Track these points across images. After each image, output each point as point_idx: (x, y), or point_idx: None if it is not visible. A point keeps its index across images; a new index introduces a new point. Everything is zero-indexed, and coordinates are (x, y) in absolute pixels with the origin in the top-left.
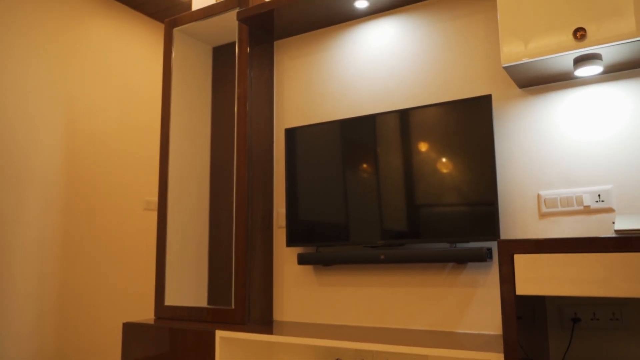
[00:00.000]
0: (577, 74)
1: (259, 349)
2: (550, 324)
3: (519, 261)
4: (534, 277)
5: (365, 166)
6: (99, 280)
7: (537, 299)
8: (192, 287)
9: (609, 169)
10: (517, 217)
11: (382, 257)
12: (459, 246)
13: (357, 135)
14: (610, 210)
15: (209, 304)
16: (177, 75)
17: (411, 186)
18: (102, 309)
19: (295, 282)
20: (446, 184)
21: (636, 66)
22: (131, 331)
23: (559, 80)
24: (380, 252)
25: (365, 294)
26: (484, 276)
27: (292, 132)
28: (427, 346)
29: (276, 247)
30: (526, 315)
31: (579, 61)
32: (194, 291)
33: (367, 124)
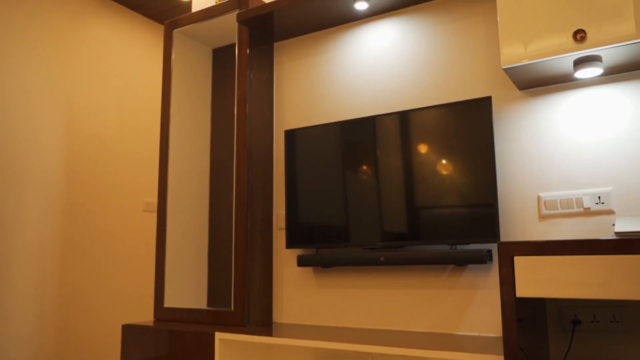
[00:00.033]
0: (577, 75)
1: (259, 351)
2: (550, 326)
3: (519, 263)
4: (534, 279)
5: (365, 168)
6: (98, 281)
7: (537, 301)
8: (192, 289)
9: (609, 171)
10: (517, 219)
11: (382, 259)
12: (459, 248)
13: (357, 136)
14: (610, 212)
15: (208, 305)
16: (177, 76)
17: (411, 188)
18: (101, 310)
19: (294, 284)
20: (446, 186)
21: (636, 68)
22: (130, 333)
23: (559, 82)
24: (380, 254)
25: (365, 296)
26: (484, 278)
27: (291, 133)
28: (427, 348)
29: (276, 248)
30: (526, 317)
31: (579, 63)
32: (194, 293)
33: (367, 125)
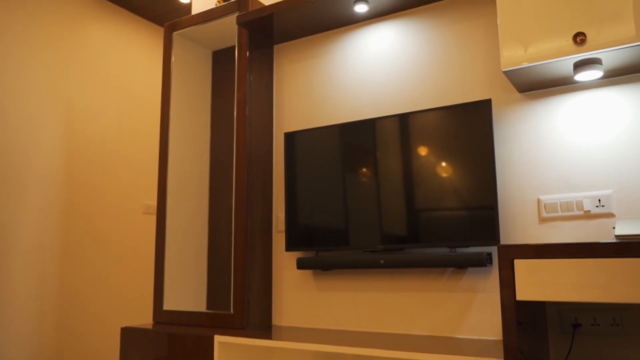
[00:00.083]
0: (577, 78)
1: (258, 354)
2: (550, 329)
3: (519, 266)
4: (535, 282)
5: (364, 170)
6: (98, 283)
7: (537, 304)
8: (191, 292)
9: (610, 174)
10: (517, 221)
11: (382, 261)
12: (459, 251)
13: (357, 139)
14: (610, 215)
15: (207, 308)
16: (176, 79)
17: (411, 191)
18: (100, 312)
19: (294, 287)
20: (446, 189)
21: (636, 71)
22: (129, 336)
23: (558, 84)
24: (379, 256)
25: (364, 298)
26: (484, 281)
27: (291, 136)
28: (427, 351)
29: (275, 251)
30: (526, 320)
31: (579, 66)
32: (193, 295)
33: (367, 128)
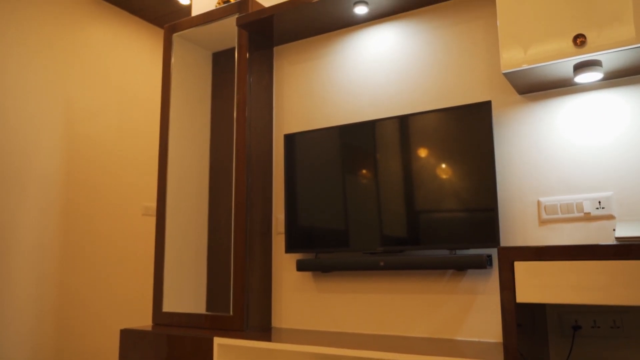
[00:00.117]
0: (577, 80)
1: (258, 356)
2: (550, 331)
3: (519, 268)
4: (535, 285)
5: (364, 172)
6: (97, 284)
7: (537, 307)
8: (191, 293)
9: (610, 176)
10: (517, 223)
11: (382, 263)
12: (459, 253)
13: (357, 141)
14: (610, 217)
15: (207, 310)
16: (176, 80)
17: (411, 192)
18: (100, 313)
19: (294, 289)
20: (446, 190)
21: (636, 73)
22: (129, 338)
23: (558, 86)
24: (379, 258)
25: (364, 300)
26: (484, 283)
27: (291, 137)
28: (427, 354)
29: (275, 253)
30: (526, 322)
31: (579, 67)
32: (192, 297)
33: (367, 129)
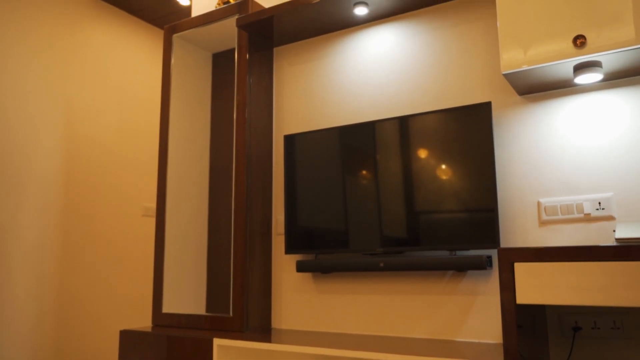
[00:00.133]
0: (577, 81)
1: (257, 357)
2: (550, 332)
3: (519, 269)
4: (535, 286)
5: (364, 173)
6: (97, 285)
7: (537, 308)
8: (190, 294)
9: (610, 177)
10: (517, 224)
11: (382, 264)
12: (459, 254)
13: (357, 142)
14: (610, 218)
15: (207, 311)
16: (176, 81)
17: (411, 193)
18: (100, 313)
19: (294, 290)
20: (446, 191)
21: (636, 74)
22: (128, 339)
23: (558, 87)
24: (379, 259)
25: (364, 301)
26: (484, 284)
27: (291, 138)
28: (427, 355)
29: (275, 254)
30: (526, 323)
31: (579, 68)
32: (192, 298)
33: (367, 130)
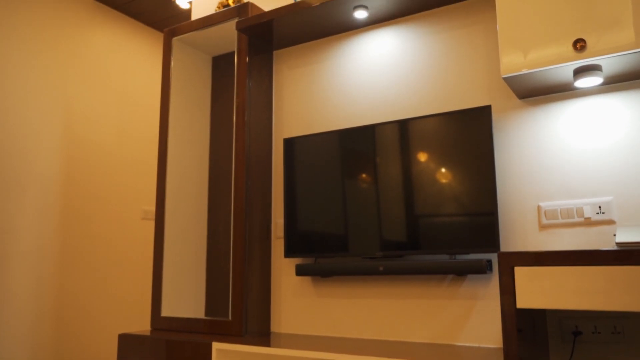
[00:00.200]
0: (577, 85)
1: None
2: (551, 337)
3: (520, 274)
4: (535, 290)
5: (364, 176)
6: (96, 288)
7: (537, 312)
8: (189, 298)
9: (610, 181)
10: (517, 228)
11: (381, 268)
12: (459, 258)
13: (357, 145)
14: (611, 222)
15: (206, 315)
16: (176, 84)
17: (410, 197)
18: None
19: (293, 294)
20: (446, 195)
21: (636, 77)
22: (127, 342)
23: (559, 91)
24: (379, 263)
25: (364, 305)
26: (484, 288)
27: (291, 142)
28: (427, 359)
29: (274, 257)
30: (527, 328)
31: (579, 72)
32: (191, 302)
33: (367, 134)
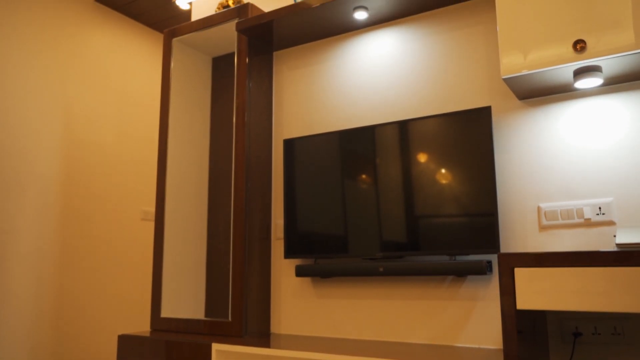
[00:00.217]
0: (577, 86)
1: None
2: (551, 338)
3: (520, 275)
4: (535, 291)
5: (364, 177)
6: (95, 289)
7: (537, 313)
8: (189, 299)
9: (610, 182)
10: (517, 229)
11: (381, 269)
12: (459, 259)
13: (356, 146)
14: (611, 223)
15: (206, 316)
16: (175, 85)
17: (410, 198)
18: (98, 318)
19: (293, 294)
20: (446, 196)
21: (636, 78)
22: (127, 343)
23: (558, 92)
24: (379, 264)
25: (364, 306)
26: (484, 289)
27: (290, 142)
28: None
29: (274, 258)
30: (527, 329)
31: (579, 73)
32: (191, 303)
33: (367, 135)
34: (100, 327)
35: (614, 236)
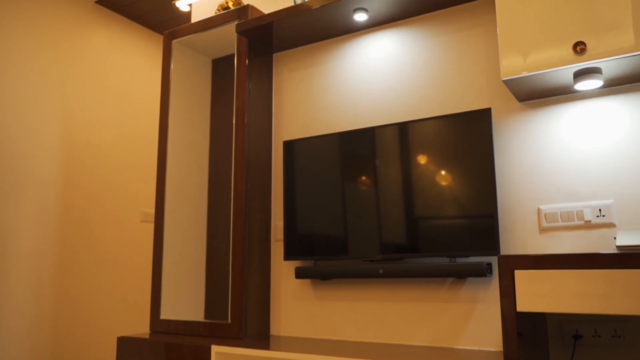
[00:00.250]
0: (577, 87)
1: None
2: (551, 340)
3: (520, 277)
4: (535, 293)
5: (364, 179)
6: (95, 291)
7: (537, 315)
8: (189, 301)
9: (610, 184)
10: (517, 231)
11: (381, 271)
12: (459, 261)
13: (356, 147)
14: (611, 225)
15: (205, 317)
16: (175, 86)
17: (410, 200)
18: (97, 319)
19: (292, 296)
20: (445, 198)
21: (636, 80)
22: (126, 345)
23: (559, 94)
24: (379, 266)
25: (363, 308)
26: (484, 291)
27: (290, 144)
28: None
29: (274, 260)
30: (527, 331)
31: (579, 75)
32: (191, 305)
33: (366, 136)
34: (99, 329)
35: (614, 238)
